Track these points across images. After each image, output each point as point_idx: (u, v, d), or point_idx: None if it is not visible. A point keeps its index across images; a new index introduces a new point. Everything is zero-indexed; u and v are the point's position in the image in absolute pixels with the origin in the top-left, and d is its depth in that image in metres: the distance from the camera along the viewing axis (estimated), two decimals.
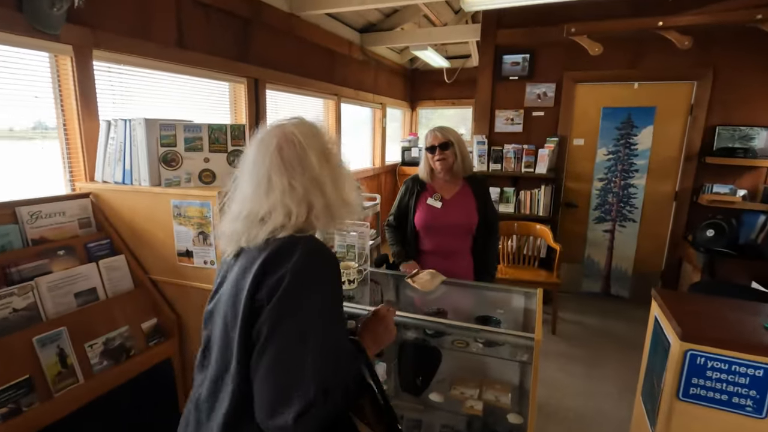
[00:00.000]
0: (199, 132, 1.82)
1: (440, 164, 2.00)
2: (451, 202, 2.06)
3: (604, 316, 3.72)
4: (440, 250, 2.07)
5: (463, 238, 2.09)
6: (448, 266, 2.05)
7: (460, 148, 2.02)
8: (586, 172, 3.91)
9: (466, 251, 2.11)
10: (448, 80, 5.93)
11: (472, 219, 2.06)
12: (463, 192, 2.09)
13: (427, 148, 2.03)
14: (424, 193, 2.08)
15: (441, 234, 2.05)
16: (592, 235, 3.97)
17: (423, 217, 2.05)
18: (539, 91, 3.89)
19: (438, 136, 1.99)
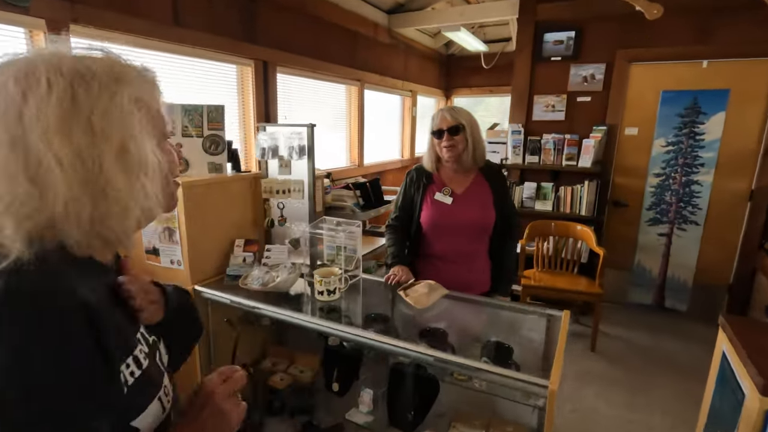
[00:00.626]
0: (171, 114, 1.60)
1: (448, 152, 1.66)
2: (464, 197, 1.73)
3: (655, 332, 3.22)
4: (451, 254, 1.74)
5: (479, 240, 1.76)
6: (462, 273, 1.73)
7: (473, 134, 1.69)
8: (640, 167, 3.39)
9: (481, 254, 1.79)
10: (486, 66, 5.47)
11: (488, 217, 1.73)
12: (478, 185, 1.75)
13: (434, 131, 1.69)
14: (432, 186, 1.75)
15: (452, 235, 1.72)
16: (645, 238, 3.46)
17: (430, 215, 1.72)
18: (586, 73, 3.41)
19: (447, 117, 1.65)
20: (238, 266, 1.57)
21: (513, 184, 3.66)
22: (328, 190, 3.37)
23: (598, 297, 2.90)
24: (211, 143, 1.66)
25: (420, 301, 1.37)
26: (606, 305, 3.62)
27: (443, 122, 1.65)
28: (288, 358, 1.81)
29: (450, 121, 1.64)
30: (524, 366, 1.18)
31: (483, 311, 1.54)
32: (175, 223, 1.49)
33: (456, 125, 1.64)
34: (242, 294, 1.45)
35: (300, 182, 1.65)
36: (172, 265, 1.55)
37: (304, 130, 1.59)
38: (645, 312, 3.53)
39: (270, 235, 1.79)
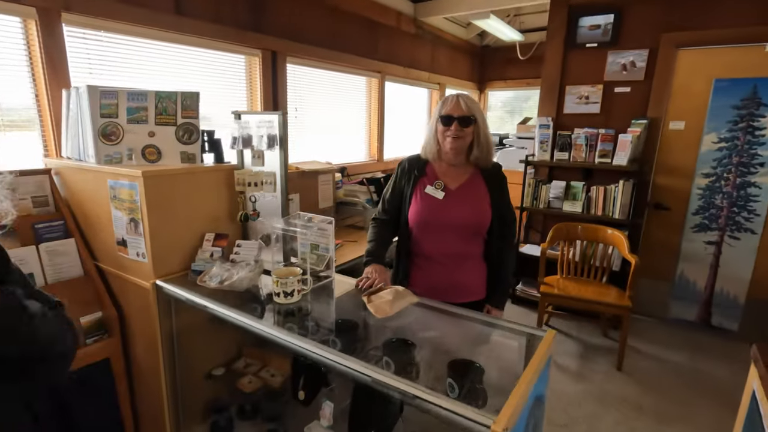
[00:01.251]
0: (144, 101, 1.55)
1: (452, 143, 1.48)
2: (457, 194, 1.55)
3: (697, 353, 2.85)
4: (439, 255, 1.57)
5: (470, 242, 1.57)
6: (449, 275, 1.56)
7: (483, 132, 1.50)
8: (685, 165, 3.01)
9: (473, 258, 1.60)
10: (522, 57, 5.14)
11: (482, 217, 1.54)
12: (473, 182, 1.56)
13: (442, 116, 1.49)
14: (423, 179, 1.57)
15: (441, 234, 1.55)
16: (689, 246, 3.07)
17: (418, 210, 1.55)
18: (625, 61, 3.07)
19: (461, 105, 1.45)
20: (203, 261, 1.50)
21: (540, 183, 3.38)
22: (339, 185, 3.27)
23: (627, 311, 2.59)
24: (184, 132, 1.59)
25: (381, 309, 1.22)
26: (641, 320, 3.27)
27: (455, 109, 1.46)
28: (261, 360, 1.73)
29: (463, 109, 1.45)
30: (497, 392, 1.01)
31: (462, 324, 1.36)
32: (138, 214, 1.44)
33: (468, 116, 1.46)
34: (202, 291, 1.37)
35: (272, 174, 1.54)
36: (138, 257, 1.49)
37: (275, 118, 1.48)
38: (687, 329, 3.14)
39: (246, 229, 1.70)
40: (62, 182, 1.76)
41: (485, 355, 1.23)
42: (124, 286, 1.60)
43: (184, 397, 1.61)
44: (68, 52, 1.86)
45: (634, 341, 2.97)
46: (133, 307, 1.59)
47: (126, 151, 1.55)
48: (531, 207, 3.42)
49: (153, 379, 1.58)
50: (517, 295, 3.56)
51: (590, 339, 3.05)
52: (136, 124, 1.55)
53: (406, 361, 1.19)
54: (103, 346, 1.62)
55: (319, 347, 1.05)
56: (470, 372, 1.09)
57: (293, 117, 3.03)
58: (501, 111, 6.05)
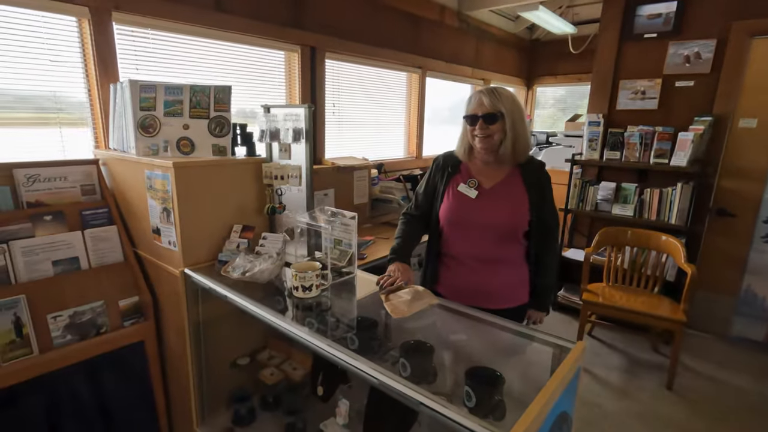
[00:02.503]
0: (180, 95, 1.60)
1: (481, 142, 1.42)
2: (491, 194, 1.46)
3: (764, 376, 2.56)
4: (470, 258, 1.49)
5: (506, 245, 1.48)
6: (482, 281, 1.49)
7: (514, 124, 1.40)
8: (757, 168, 2.71)
9: (510, 262, 1.50)
10: (575, 51, 4.87)
11: (518, 219, 1.45)
12: (511, 181, 1.47)
13: (466, 116, 1.44)
14: (457, 176, 1.51)
15: (472, 235, 1.47)
16: (759, 258, 2.77)
17: (449, 209, 1.48)
18: (689, 52, 2.81)
19: (484, 102, 1.38)
20: (230, 252, 1.52)
21: (587, 183, 3.18)
22: (375, 181, 3.25)
23: (681, 324, 2.37)
24: (216, 125, 1.62)
25: (398, 309, 1.18)
26: (697, 335, 3.00)
27: (479, 107, 1.40)
28: (285, 352, 1.73)
29: (487, 106, 1.38)
30: (518, 405, 0.94)
31: (488, 330, 1.28)
32: (170, 204, 1.48)
33: (493, 113, 1.37)
34: (226, 282, 1.39)
35: (297, 168, 1.54)
36: (169, 245, 1.55)
37: (302, 112, 1.47)
38: (752, 349, 2.84)
39: (273, 222, 1.71)
40: (108, 172, 1.86)
41: (509, 365, 1.15)
42: (158, 273, 1.66)
43: (209, 384, 1.65)
44: (117, 49, 1.96)
45: (688, 359, 2.73)
46: (165, 293, 1.65)
47: (162, 143, 1.60)
48: (577, 209, 3.22)
49: (182, 364, 1.63)
50: (559, 301, 3.37)
51: (638, 353, 2.83)
52: (172, 117, 1.60)
53: (422, 364, 1.15)
54: (139, 329, 1.69)
55: (326, 343, 1.03)
56: (490, 381, 1.03)
57: (330, 113, 3.04)
58: (553, 109, 5.77)
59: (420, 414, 1.24)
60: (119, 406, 1.69)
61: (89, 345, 1.58)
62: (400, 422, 1.24)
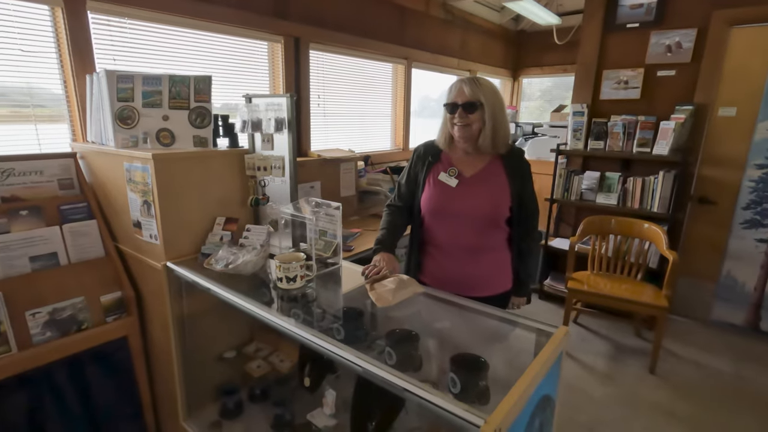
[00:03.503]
0: (158, 85, 1.57)
1: (459, 131, 1.41)
2: (472, 182, 1.46)
3: (742, 359, 2.63)
4: (452, 247, 1.50)
5: (487, 233, 1.49)
6: (464, 269, 1.50)
7: (494, 114, 1.39)
8: (736, 156, 2.76)
9: (492, 251, 1.52)
10: (559, 41, 4.89)
11: (499, 207, 1.46)
12: (491, 170, 1.47)
13: (446, 104, 1.44)
14: (437, 165, 1.51)
15: (453, 224, 1.48)
16: (738, 244, 2.83)
17: (429, 198, 1.49)
18: (670, 42, 2.84)
19: (464, 91, 1.37)
20: (213, 245, 1.50)
21: (572, 173, 3.21)
22: (362, 173, 3.24)
23: (663, 310, 2.42)
24: (197, 116, 1.60)
25: (383, 298, 1.18)
26: (680, 321, 3.07)
27: (459, 95, 1.39)
28: (272, 344, 1.73)
29: (467, 95, 1.37)
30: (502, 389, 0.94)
31: (472, 317, 1.29)
32: (150, 197, 1.46)
33: (473, 101, 1.37)
34: (209, 274, 1.38)
35: (280, 158, 1.52)
36: (151, 239, 1.52)
37: (284, 101, 1.45)
38: (732, 333, 2.91)
39: (257, 214, 1.69)
40: (87, 166, 1.82)
41: (494, 351, 1.16)
42: (140, 267, 1.64)
43: (195, 378, 1.63)
44: (93, 39, 1.91)
45: (670, 344, 2.79)
46: (149, 287, 1.63)
47: (141, 135, 1.57)
48: (562, 199, 3.25)
49: (167, 358, 1.61)
50: (545, 290, 3.42)
51: (622, 339, 2.88)
52: (151, 108, 1.57)
53: (408, 352, 1.15)
54: (122, 325, 1.66)
55: (311, 333, 1.02)
56: (474, 367, 1.04)
57: (316, 105, 3.01)
58: (540, 100, 5.80)
59: (407, 401, 1.25)
60: (104, 403, 1.66)
61: (70, 341, 1.55)
62: (387, 410, 1.25)
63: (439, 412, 0.81)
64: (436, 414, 0.86)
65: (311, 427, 1.35)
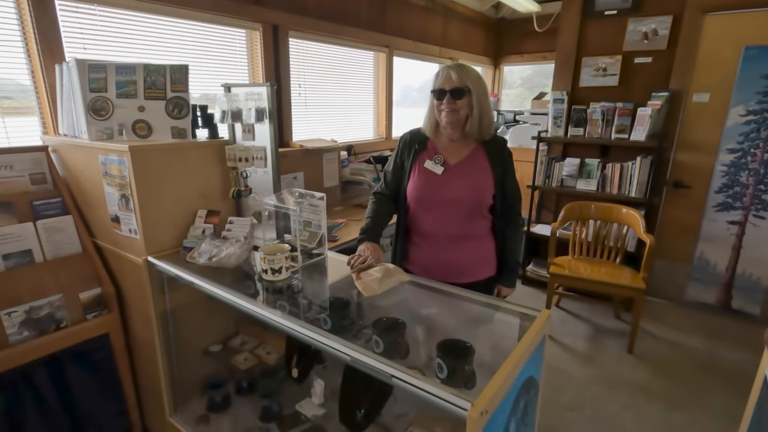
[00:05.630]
0: (133, 75, 1.51)
1: (447, 116, 1.42)
2: (457, 170, 1.48)
3: (714, 337, 2.74)
4: (439, 234, 1.51)
5: (472, 221, 1.51)
6: (450, 257, 1.52)
7: (480, 101, 1.41)
8: (709, 141, 2.84)
9: (477, 238, 1.53)
10: (539, 29, 4.92)
11: (483, 195, 1.48)
12: (475, 158, 1.49)
13: (434, 90, 1.44)
14: (423, 153, 1.51)
15: (440, 212, 1.49)
16: (710, 227, 2.93)
17: (416, 186, 1.49)
18: (647, 29, 2.88)
19: (452, 77, 1.38)
20: (195, 238, 1.48)
21: (552, 160, 3.26)
22: (345, 163, 3.22)
23: (640, 292, 2.49)
24: (174, 106, 1.55)
25: (369, 287, 1.18)
26: (656, 302, 3.17)
27: (447, 81, 1.40)
28: (258, 337, 1.72)
29: (455, 81, 1.38)
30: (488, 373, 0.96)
31: (457, 304, 1.30)
32: (128, 190, 1.42)
33: (461, 87, 1.38)
34: (192, 268, 1.36)
35: (262, 149, 1.50)
36: (130, 234, 1.48)
37: (264, 90, 1.42)
38: (705, 312, 3.03)
39: (240, 206, 1.67)
40: (59, 159, 1.76)
41: (479, 336, 1.18)
42: (120, 263, 1.60)
43: (181, 373, 1.62)
44: (62, 27, 1.83)
45: (647, 324, 2.88)
46: (129, 283, 1.60)
47: (116, 127, 1.52)
48: (543, 186, 3.30)
49: (151, 354, 1.59)
50: (527, 276, 3.48)
51: (602, 321, 2.97)
52: (126, 99, 1.52)
53: (394, 340, 1.16)
54: (102, 322, 1.63)
55: (299, 324, 1.02)
56: (460, 353, 1.05)
57: (297, 94, 2.97)
58: (520, 88, 5.84)
59: (394, 389, 1.26)
60: (87, 401, 1.63)
61: (49, 340, 1.51)
62: (375, 398, 1.26)
63: (426, 398, 0.82)
64: (423, 399, 0.87)
65: (300, 417, 1.36)
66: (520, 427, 0.97)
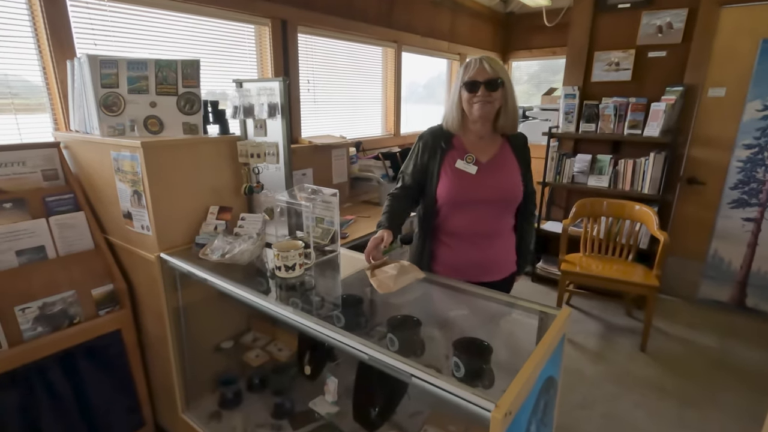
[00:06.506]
0: (144, 70, 1.51)
1: (481, 109, 1.35)
2: (490, 167, 1.43)
3: (728, 335, 2.71)
4: (471, 233, 1.46)
5: (503, 217, 1.50)
6: (482, 254, 1.48)
7: (512, 93, 1.39)
8: (725, 136, 2.79)
9: (505, 233, 1.53)
10: (549, 24, 4.85)
11: (517, 190, 1.47)
12: (505, 154, 1.47)
13: (467, 83, 1.35)
14: (451, 152, 1.44)
15: (474, 211, 1.44)
16: (725, 224, 2.88)
17: (450, 187, 1.42)
18: (661, 22, 2.83)
19: (486, 68, 1.32)
20: (207, 234, 1.47)
21: (563, 156, 3.22)
22: (354, 159, 3.20)
23: (654, 290, 2.46)
24: (186, 102, 1.54)
25: (384, 285, 1.17)
26: (669, 300, 3.13)
27: (480, 73, 1.33)
28: (270, 334, 1.71)
29: (489, 72, 1.32)
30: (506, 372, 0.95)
31: (474, 302, 1.29)
32: (140, 186, 1.41)
33: (495, 79, 1.33)
34: (205, 265, 1.35)
35: (274, 145, 1.48)
36: (143, 230, 1.48)
37: (276, 85, 1.41)
38: (719, 310, 2.99)
39: (252, 202, 1.66)
40: (71, 155, 1.76)
41: (496, 334, 1.17)
42: (132, 259, 1.60)
43: (193, 369, 1.62)
44: (72, 23, 1.83)
45: (660, 322, 2.85)
46: (141, 279, 1.59)
47: (128, 122, 1.51)
48: (554, 182, 3.27)
49: (163, 350, 1.59)
50: (537, 273, 3.45)
51: (613, 319, 2.93)
52: (138, 94, 1.51)
53: (410, 338, 1.15)
54: (114, 318, 1.63)
55: (312, 321, 1.01)
56: (477, 351, 1.04)
57: (305, 90, 2.95)
58: (527, 84, 5.78)
59: (409, 387, 1.25)
60: (99, 397, 1.64)
61: (62, 336, 1.52)
62: (390, 396, 1.25)
63: (446, 397, 0.81)
64: (441, 399, 0.86)
65: (314, 415, 1.35)
66: (540, 428, 0.96)
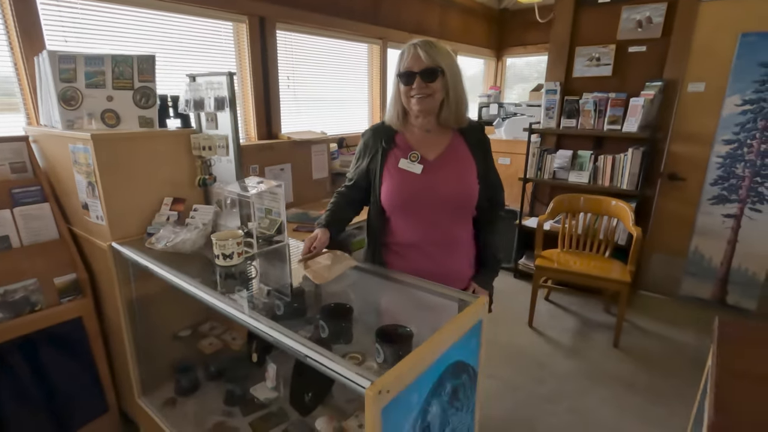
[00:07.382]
0: (101, 65, 1.55)
1: (419, 103, 1.20)
2: (438, 165, 1.27)
3: (707, 332, 2.68)
4: (424, 242, 1.30)
5: (458, 221, 1.32)
6: (440, 266, 1.31)
7: (455, 84, 1.22)
8: (704, 132, 2.76)
9: (463, 240, 1.35)
10: (542, 19, 4.82)
11: (470, 190, 1.28)
12: (456, 149, 1.29)
13: (401, 74, 1.20)
14: (394, 150, 1.28)
15: (423, 216, 1.27)
16: (705, 220, 2.85)
17: (393, 189, 1.26)
18: (641, 17, 2.81)
19: (420, 56, 1.16)
20: (159, 225, 1.51)
21: (545, 152, 3.21)
22: (335, 155, 3.23)
23: (626, 285, 2.45)
24: (141, 96, 1.59)
25: (319, 275, 1.19)
26: (650, 296, 3.11)
27: (415, 62, 1.17)
28: (226, 323, 1.75)
29: (424, 61, 1.16)
30: None
31: (406, 291, 1.30)
32: (94, 178, 1.46)
33: (432, 68, 1.16)
34: (153, 254, 1.39)
35: (224, 138, 1.52)
36: (97, 220, 1.53)
37: (223, 80, 1.44)
38: (699, 307, 2.96)
39: (207, 194, 1.70)
40: (39, 149, 1.81)
41: (424, 322, 1.18)
42: (91, 249, 1.65)
43: (151, 357, 1.66)
44: (42, 20, 1.88)
45: (639, 318, 2.83)
46: (100, 268, 1.64)
47: (86, 116, 1.56)
48: (535, 178, 3.26)
49: (121, 338, 1.63)
50: (519, 269, 3.45)
51: (590, 315, 2.92)
52: (95, 89, 1.56)
53: (340, 325, 1.17)
54: (75, 306, 1.68)
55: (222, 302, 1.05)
56: (398, 338, 1.06)
57: (285, 86, 2.99)
58: (522, 81, 5.76)
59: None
60: (63, 383, 1.69)
61: (23, 322, 1.57)
62: (323, 381, 1.28)
63: (337, 377, 0.83)
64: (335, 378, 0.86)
65: (254, 401, 1.39)
66: (448, 410, 0.98)
